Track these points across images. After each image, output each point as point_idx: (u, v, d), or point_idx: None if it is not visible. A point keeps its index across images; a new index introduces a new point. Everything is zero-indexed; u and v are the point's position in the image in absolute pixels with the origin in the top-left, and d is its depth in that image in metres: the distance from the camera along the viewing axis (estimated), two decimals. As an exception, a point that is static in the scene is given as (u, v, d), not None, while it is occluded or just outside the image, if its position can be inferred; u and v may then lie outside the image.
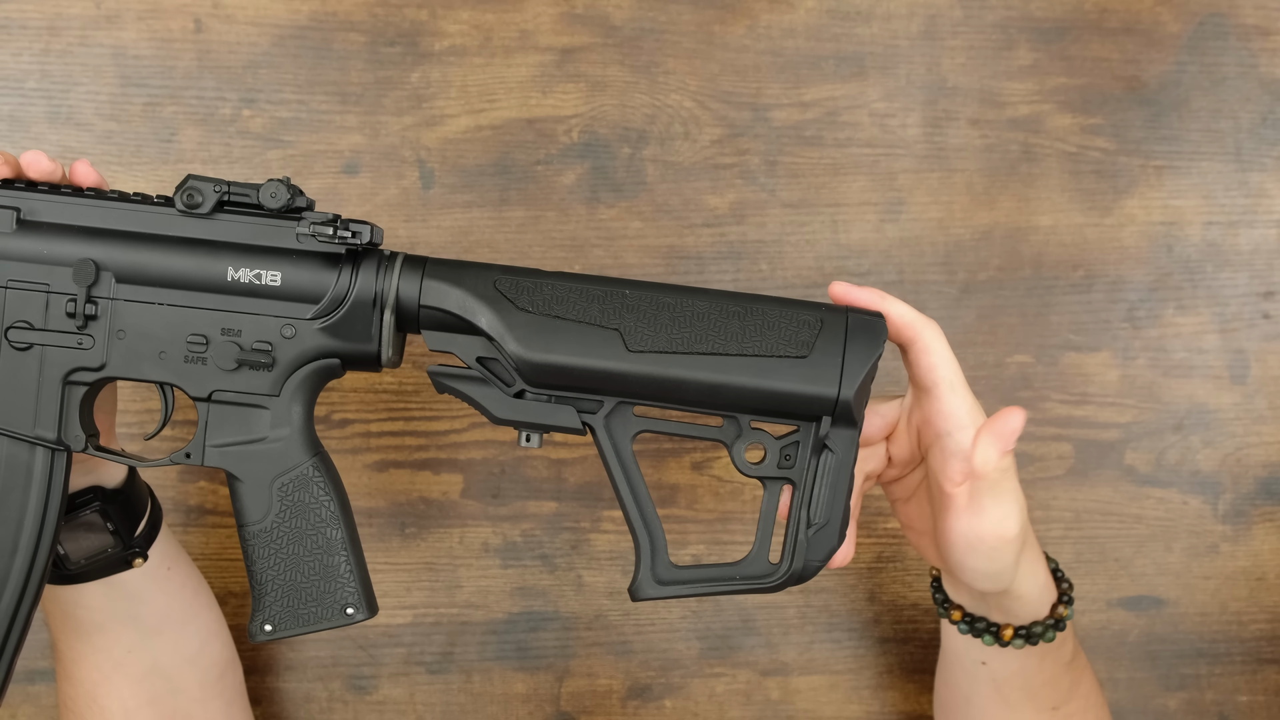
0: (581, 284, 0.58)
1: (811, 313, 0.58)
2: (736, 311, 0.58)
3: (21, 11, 0.77)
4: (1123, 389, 0.81)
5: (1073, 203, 0.81)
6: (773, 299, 0.59)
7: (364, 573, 0.61)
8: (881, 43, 0.80)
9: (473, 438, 0.79)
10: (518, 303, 0.57)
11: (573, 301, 0.57)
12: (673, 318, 0.57)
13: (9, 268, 0.58)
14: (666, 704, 0.81)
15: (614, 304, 0.58)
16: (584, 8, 0.79)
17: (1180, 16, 0.81)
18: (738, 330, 0.57)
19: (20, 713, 0.79)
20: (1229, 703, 0.83)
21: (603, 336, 0.57)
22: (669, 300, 0.58)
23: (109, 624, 0.67)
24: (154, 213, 0.58)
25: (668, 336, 0.57)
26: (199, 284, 0.58)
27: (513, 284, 0.58)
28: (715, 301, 0.58)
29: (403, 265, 0.59)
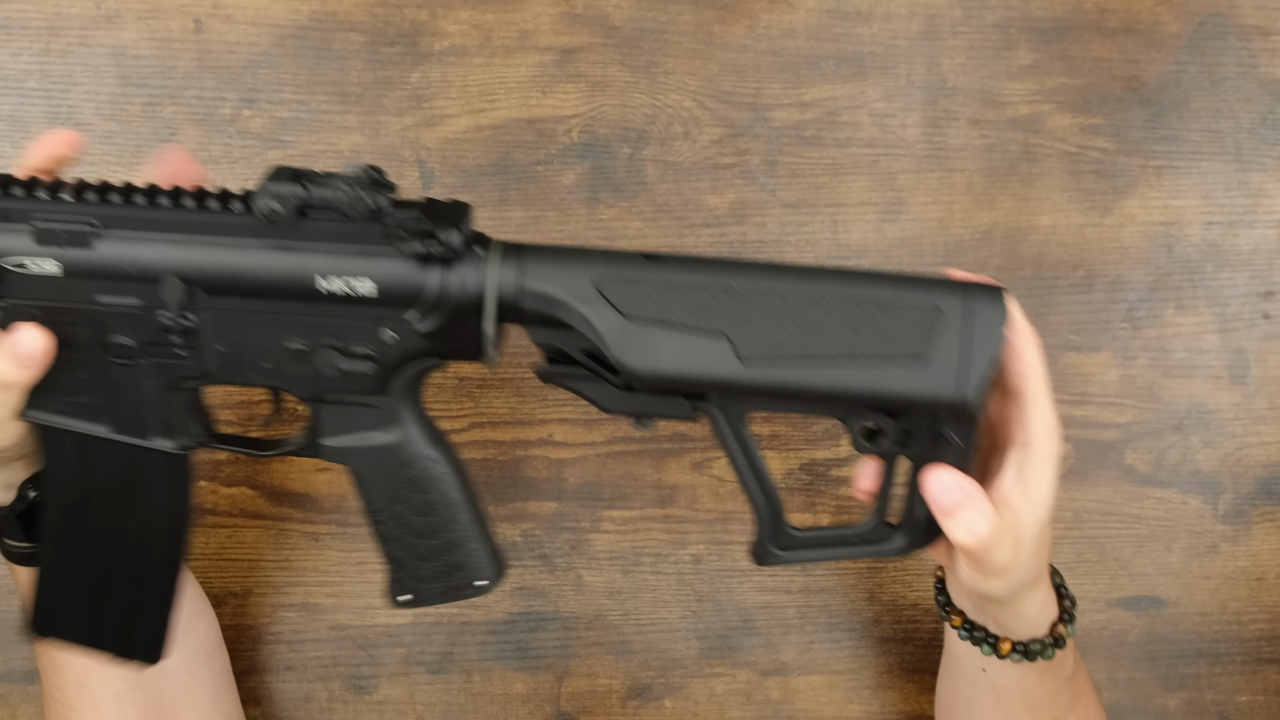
0: (686, 276, 0.55)
1: (928, 296, 0.55)
2: (850, 300, 0.55)
3: (21, 11, 0.77)
4: (1123, 389, 0.81)
5: (1073, 203, 0.81)
6: (886, 277, 0.56)
7: (490, 545, 0.62)
8: (881, 43, 0.80)
9: (473, 438, 0.79)
10: (620, 308, 0.55)
11: (678, 304, 0.55)
12: (784, 313, 0.55)
13: (94, 285, 0.55)
14: (666, 704, 0.81)
15: (722, 302, 0.55)
16: (584, 8, 0.79)
17: (1180, 16, 0.81)
18: (852, 325, 0.55)
19: (20, 713, 0.79)
20: (1229, 703, 0.83)
21: (711, 345, 0.55)
22: (779, 289, 0.55)
23: None
24: (234, 223, 0.55)
25: (779, 339, 0.55)
26: (290, 295, 0.55)
27: (614, 285, 0.55)
28: (828, 286, 0.55)
29: (501, 260, 0.55)
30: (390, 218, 0.54)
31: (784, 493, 0.81)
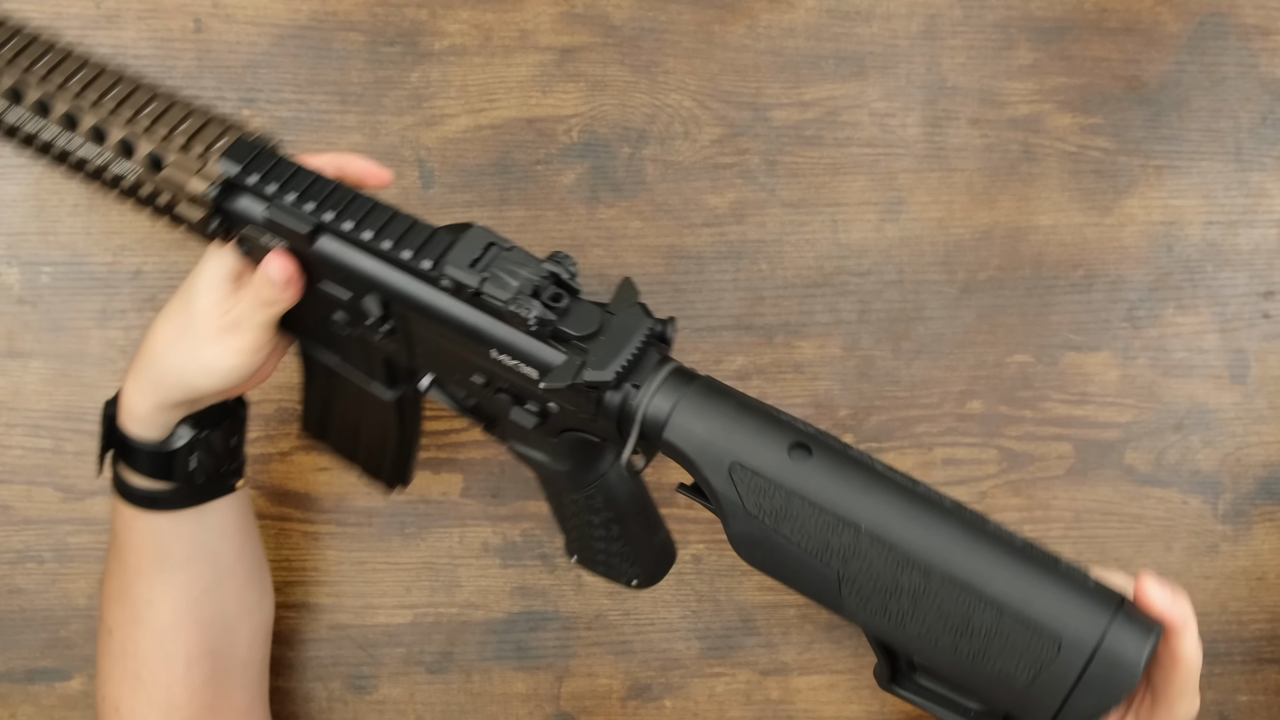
0: (824, 492, 0.51)
1: (1057, 626, 0.48)
2: (972, 599, 0.49)
3: (21, 11, 0.77)
4: (1123, 389, 0.81)
5: (1073, 202, 0.81)
6: (1034, 573, 0.49)
7: (642, 552, 0.65)
8: (881, 43, 0.80)
9: (473, 437, 0.79)
10: (745, 500, 0.52)
11: (801, 522, 0.51)
12: (898, 580, 0.50)
13: (313, 271, 0.59)
14: (666, 704, 0.81)
15: (843, 540, 0.51)
16: (584, 7, 0.79)
17: (1180, 16, 0.81)
18: (961, 620, 0.49)
19: (20, 712, 0.79)
20: (1229, 703, 0.82)
21: (820, 575, 0.52)
22: (901, 555, 0.50)
23: (194, 559, 0.66)
24: (420, 278, 0.57)
25: (883, 604, 0.51)
26: (471, 349, 0.57)
27: (748, 474, 0.52)
28: (958, 571, 0.49)
29: (652, 397, 0.54)
30: (558, 349, 0.55)
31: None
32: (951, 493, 0.80)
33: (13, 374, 0.78)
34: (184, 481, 0.64)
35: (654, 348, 0.55)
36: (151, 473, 0.64)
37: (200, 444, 0.64)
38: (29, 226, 0.77)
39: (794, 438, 0.52)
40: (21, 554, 0.78)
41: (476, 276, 0.55)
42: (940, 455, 0.81)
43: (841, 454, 0.52)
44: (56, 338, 0.78)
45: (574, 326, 0.55)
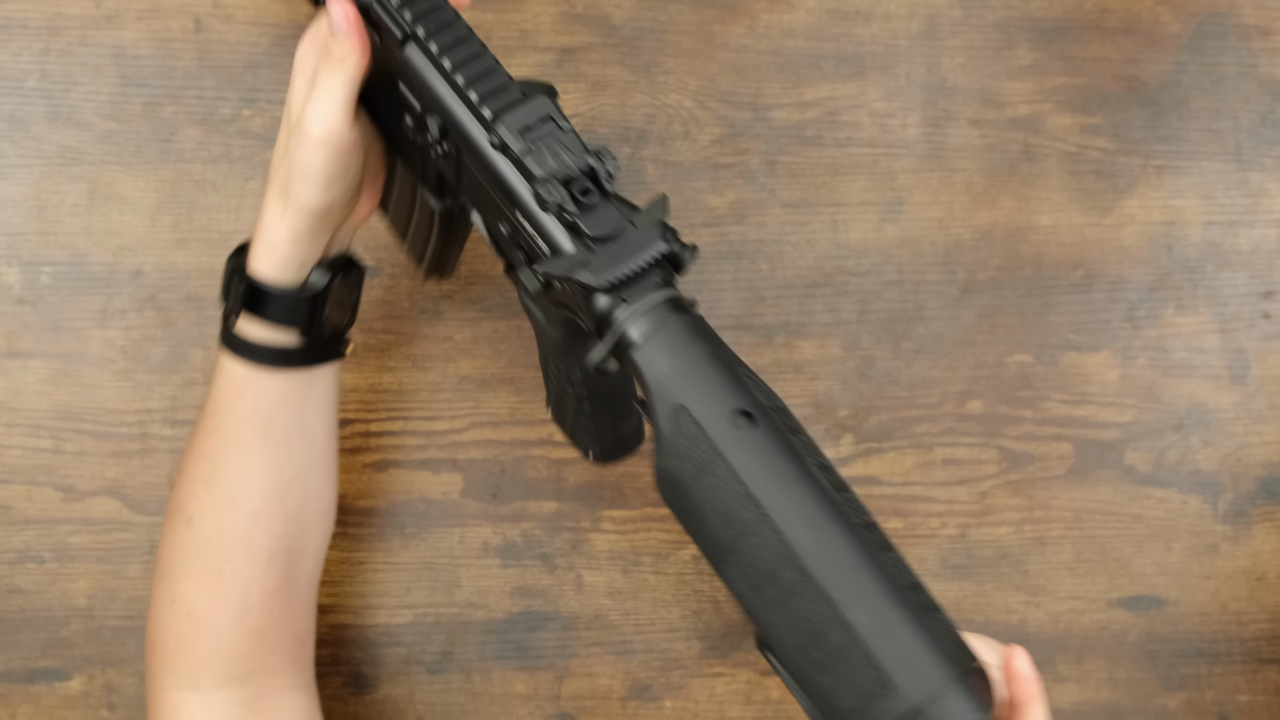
0: (743, 466, 0.52)
1: (893, 671, 0.49)
2: (833, 617, 0.50)
3: (21, 11, 0.77)
4: (1123, 389, 0.81)
5: (1073, 202, 0.81)
6: (900, 615, 0.50)
7: (605, 433, 0.67)
8: (881, 43, 0.80)
9: (473, 437, 0.79)
10: (678, 443, 0.53)
11: (717, 483, 0.53)
12: (777, 572, 0.52)
13: (396, 72, 0.61)
14: (666, 704, 0.81)
15: (746, 515, 0.52)
16: (584, 8, 0.79)
17: (1180, 16, 0.81)
18: (816, 631, 0.51)
19: (20, 712, 0.79)
20: (1229, 703, 0.83)
21: (716, 537, 0.53)
22: (788, 552, 0.51)
23: (293, 434, 0.65)
24: (479, 121, 0.58)
25: (758, 585, 0.52)
26: (503, 200, 0.59)
27: (688, 420, 0.53)
28: (830, 587, 0.50)
29: (641, 315, 0.55)
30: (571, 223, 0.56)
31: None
32: (951, 493, 0.81)
33: (13, 374, 0.78)
34: (312, 331, 0.64)
35: (659, 270, 0.56)
36: (284, 318, 0.64)
37: (332, 291, 0.65)
38: (29, 226, 0.78)
39: (744, 405, 0.53)
40: (21, 554, 0.78)
41: (522, 144, 0.57)
42: (940, 455, 0.81)
43: (781, 438, 0.53)
44: (56, 338, 0.78)
45: (591, 225, 0.56)
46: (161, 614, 0.66)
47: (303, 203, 0.61)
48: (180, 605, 0.65)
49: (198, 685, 0.65)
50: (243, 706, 0.66)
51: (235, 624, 0.65)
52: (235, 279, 0.64)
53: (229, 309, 0.65)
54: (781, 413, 0.54)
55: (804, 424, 0.80)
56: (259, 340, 0.64)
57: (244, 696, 0.66)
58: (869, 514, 0.53)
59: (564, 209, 0.56)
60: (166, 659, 0.66)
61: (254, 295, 0.63)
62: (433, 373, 0.79)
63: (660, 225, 0.56)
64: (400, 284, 0.79)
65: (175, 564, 0.66)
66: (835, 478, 0.53)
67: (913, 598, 0.51)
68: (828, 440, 0.81)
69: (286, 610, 0.67)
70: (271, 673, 0.67)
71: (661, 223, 0.56)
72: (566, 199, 0.56)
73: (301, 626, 0.69)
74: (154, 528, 0.78)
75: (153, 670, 0.67)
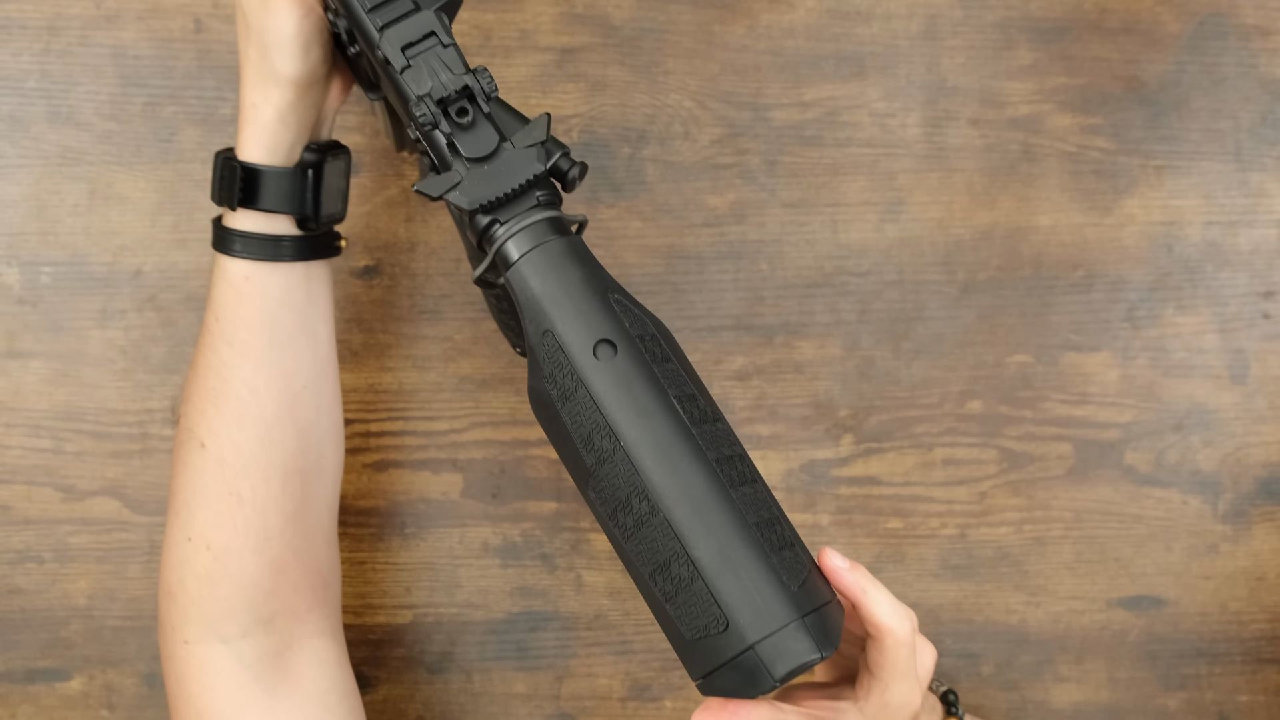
0: (602, 395, 0.53)
1: (733, 609, 0.50)
2: (679, 550, 0.51)
3: (21, 11, 0.77)
4: (1123, 389, 0.81)
5: (1073, 203, 0.81)
6: (746, 553, 0.51)
7: (519, 335, 0.67)
8: (881, 43, 0.80)
9: (473, 438, 0.79)
10: (545, 366, 0.54)
11: (579, 409, 0.53)
12: (630, 502, 0.52)
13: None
14: (666, 704, 0.81)
15: (604, 444, 0.52)
16: (584, 8, 0.79)
17: (1180, 16, 0.81)
18: (663, 563, 0.51)
19: (20, 712, 0.79)
20: (1229, 703, 0.83)
21: (578, 462, 0.53)
22: (640, 482, 0.51)
23: (298, 338, 0.65)
24: (370, 29, 0.58)
25: (614, 513, 0.53)
26: (402, 107, 0.58)
27: (554, 344, 0.54)
28: (677, 521, 0.51)
29: (515, 236, 0.55)
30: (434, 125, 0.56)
31: (784, 493, 0.81)
32: (951, 493, 0.81)
33: (13, 374, 0.78)
34: (309, 215, 0.65)
35: (538, 190, 0.56)
36: (280, 202, 0.64)
37: (324, 172, 0.65)
38: (29, 226, 0.78)
39: (608, 333, 0.53)
40: (21, 554, 0.78)
41: (403, 60, 0.56)
42: (940, 455, 0.81)
43: (644, 368, 0.53)
44: (56, 338, 0.78)
45: (467, 146, 0.56)
46: (179, 553, 0.64)
47: (284, 73, 0.61)
48: (199, 539, 0.64)
49: (222, 634, 0.64)
50: (270, 659, 0.64)
51: (256, 554, 0.63)
52: (227, 171, 0.64)
53: (224, 201, 0.64)
54: (652, 340, 0.54)
55: (804, 424, 0.80)
56: (255, 231, 0.64)
57: (270, 647, 0.64)
58: (736, 446, 0.54)
59: (438, 129, 0.56)
60: (186, 604, 0.64)
61: (249, 182, 0.63)
62: (433, 373, 0.80)
63: (539, 146, 0.56)
64: (400, 284, 0.79)
65: (191, 494, 0.64)
66: (701, 409, 0.53)
67: (763, 534, 0.51)
68: (827, 440, 0.81)
69: (306, 541, 0.66)
70: (296, 616, 0.66)
71: (542, 143, 0.56)
72: (441, 118, 0.56)
73: (323, 562, 0.68)
74: (154, 528, 0.78)
75: (171, 621, 0.65)
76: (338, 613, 0.70)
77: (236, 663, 0.64)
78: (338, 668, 0.68)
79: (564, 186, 0.57)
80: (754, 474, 0.54)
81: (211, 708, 0.64)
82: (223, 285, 0.64)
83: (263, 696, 0.64)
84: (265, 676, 0.64)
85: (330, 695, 0.67)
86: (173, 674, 0.65)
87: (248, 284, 0.64)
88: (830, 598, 0.53)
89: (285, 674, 0.65)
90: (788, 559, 0.52)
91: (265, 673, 0.64)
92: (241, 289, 0.64)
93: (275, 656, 0.65)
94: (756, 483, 0.53)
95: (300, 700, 0.65)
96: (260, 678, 0.64)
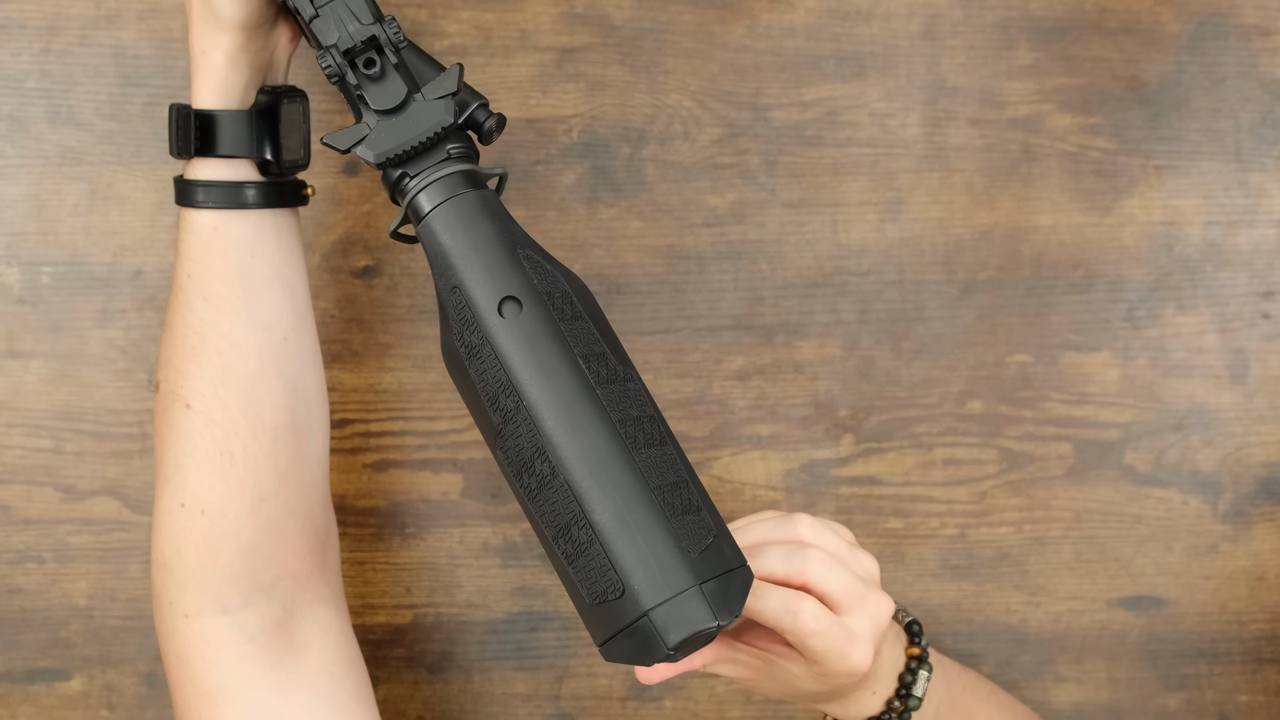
0: (505, 352, 0.52)
1: (629, 575, 0.49)
2: (578, 513, 0.50)
3: (21, 11, 0.77)
4: (1123, 389, 0.81)
5: (1073, 202, 0.81)
6: (646, 517, 0.50)
7: None
8: (881, 43, 0.80)
9: (473, 437, 0.79)
10: (453, 322, 0.53)
11: (485, 367, 0.52)
12: (533, 463, 0.51)
13: None
14: (666, 704, 0.81)
15: (508, 403, 0.52)
16: (584, 8, 0.79)
17: (1180, 16, 0.81)
18: (563, 526, 0.51)
19: (20, 712, 0.79)
20: (1229, 703, 0.83)
21: (486, 420, 0.53)
22: (542, 443, 0.51)
23: (274, 286, 0.64)
24: None
25: (519, 473, 0.52)
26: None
27: (461, 301, 0.53)
28: (576, 483, 0.50)
29: (426, 189, 0.55)
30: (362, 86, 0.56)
31: (783, 493, 0.81)
32: (951, 493, 0.81)
33: (13, 374, 0.78)
34: (269, 160, 0.64)
35: (450, 143, 0.55)
36: (238, 146, 0.63)
37: (281, 114, 0.64)
38: (29, 226, 0.78)
39: (514, 290, 0.52)
40: (21, 554, 0.78)
41: (311, 9, 0.56)
42: (940, 455, 0.81)
43: (550, 326, 0.52)
44: (56, 338, 0.78)
45: (375, 98, 0.55)
46: (173, 521, 0.63)
47: (227, 17, 0.61)
48: (193, 504, 0.62)
49: (224, 604, 0.62)
50: (275, 629, 0.63)
51: (252, 515, 0.62)
52: (182, 120, 0.63)
53: (182, 153, 0.64)
54: (562, 297, 0.53)
55: (804, 424, 0.80)
56: (217, 179, 0.63)
57: (274, 617, 0.63)
58: (646, 407, 0.52)
59: (345, 80, 0.55)
60: (184, 574, 0.62)
61: (205, 129, 0.63)
62: (433, 373, 0.79)
63: (449, 98, 0.55)
64: (400, 284, 0.79)
65: (180, 458, 0.63)
66: (610, 369, 0.52)
67: (664, 498, 0.50)
68: (827, 440, 0.81)
69: (302, 500, 0.65)
70: (297, 580, 0.65)
71: (453, 94, 0.56)
72: (347, 69, 0.55)
73: (319, 522, 0.67)
74: (154, 528, 0.78)
75: (168, 595, 0.63)
76: (338, 578, 0.69)
77: (240, 634, 0.62)
78: (342, 637, 0.67)
79: (480, 139, 0.56)
80: (663, 436, 0.52)
81: (219, 684, 0.62)
82: (191, 239, 0.63)
83: (270, 670, 0.63)
84: (270, 648, 0.63)
85: (338, 667, 0.66)
86: (173, 651, 0.64)
87: (216, 235, 0.63)
88: (737, 563, 0.51)
89: (291, 645, 0.64)
90: (690, 524, 0.50)
91: (270, 644, 0.63)
92: (211, 241, 0.63)
93: (279, 627, 0.64)
94: (665, 445, 0.52)
95: (308, 674, 0.64)
96: (265, 649, 0.63)
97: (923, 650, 0.64)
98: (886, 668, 0.63)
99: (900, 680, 0.63)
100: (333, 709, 0.64)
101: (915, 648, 0.64)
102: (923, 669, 0.63)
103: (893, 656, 0.63)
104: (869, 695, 0.62)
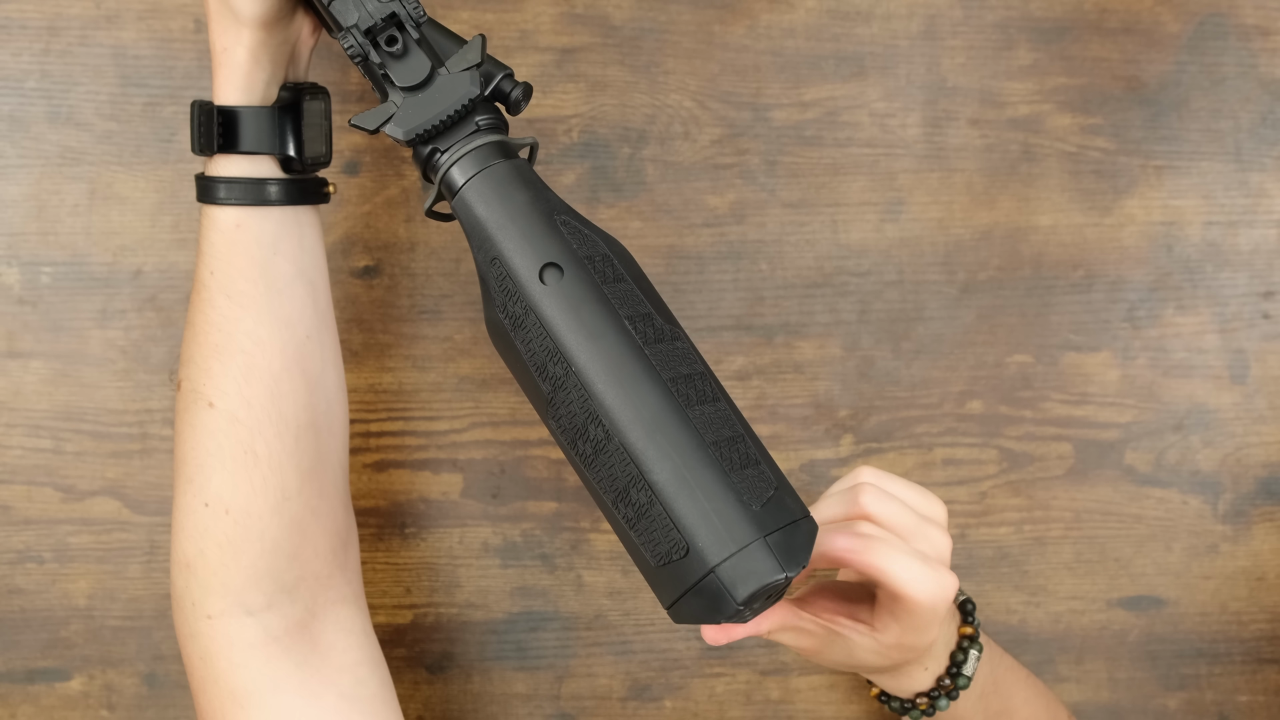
0: (551, 320, 0.52)
1: (692, 533, 0.49)
2: (636, 475, 0.50)
3: (21, 11, 0.77)
4: (1123, 389, 0.81)
5: (1073, 203, 0.81)
6: (704, 474, 0.49)
7: None
8: (881, 43, 0.80)
9: (473, 438, 0.80)
10: (495, 294, 0.53)
11: (531, 336, 0.52)
12: (587, 428, 0.51)
13: None
14: (666, 704, 0.81)
15: (557, 370, 0.51)
16: (584, 8, 0.79)
17: (1180, 16, 0.81)
18: (622, 489, 0.50)
19: (20, 712, 0.79)
20: (1229, 703, 0.83)
21: (536, 390, 0.53)
22: (595, 407, 0.50)
23: (296, 284, 0.64)
24: None
25: (573, 440, 0.52)
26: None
27: (502, 271, 0.53)
28: (632, 445, 0.50)
29: (459, 162, 0.54)
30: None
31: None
32: (951, 493, 0.81)
33: (13, 374, 0.78)
34: (292, 157, 0.64)
35: (478, 115, 0.55)
36: (260, 142, 0.63)
37: (303, 110, 0.64)
38: (29, 226, 0.78)
39: (554, 257, 0.52)
40: (21, 554, 0.78)
41: None
42: (940, 455, 0.81)
43: (594, 289, 0.52)
44: (56, 338, 0.78)
45: (400, 75, 0.55)
46: (196, 521, 0.62)
47: (246, 14, 0.61)
48: (216, 504, 0.62)
49: (247, 605, 0.62)
50: (298, 630, 0.63)
51: (276, 514, 0.62)
52: (204, 116, 0.63)
53: (204, 149, 0.64)
54: (603, 261, 0.53)
55: (804, 424, 0.80)
56: (240, 175, 0.63)
57: (297, 617, 0.63)
58: (695, 364, 0.52)
59: (368, 59, 0.55)
60: (208, 575, 0.62)
61: (228, 125, 0.63)
62: (433, 373, 0.80)
63: (473, 70, 0.55)
64: (400, 284, 0.79)
65: (204, 457, 0.62)
66: (657, 328, 0.52)
67: (722, 453, 0.50)
68: (827, 440, 0.81)
69: (323, 499, 0.65)
70: (319, 581, 0.64)
71: (477, 65, 0.55)
72: (370, 49, 0.55)
73: (341, 522, 0.67)
74: (154, 528, 0.78)
75: (190, 596, 0.63)
76: (359, 579, 0.68)
77: (265, 635, 0.62)
78: (365, 637, 0.67)
79: (508, 109, 0.56)
80: (716, 391, 0.52)
81: (245, 685, 0.62)
82: (213, 236, 0.63)
83: (295, 671, 0.63)
84: (295, 649, 0.63)
85: (362, 667, 0.66)
86: (196, 653, 0.63)
87: (239, 231, 0.63)
88: (800, 514, 0.51)
89: (314, 646, 0.64)
90: (750, 477, 0.50)
91: (294, 645, 0.63)
92: (233, 237, 0.63)
93: (303, 628, 0.63)
94: (718, 400, 0.52)
95: (332, 674, 0.64)
96: (290, 650, 0.63)
97: (975, 630, 0.64)
98: (939, 645, 0.63)
99: (952, 659, 0.64)
100: (359, 709, 0.64)
101: (968, 626, 0.64)
102: (974, 648, 0.64)
103: (946, 634, 0.63)
104: (921, 671, 0.63)
